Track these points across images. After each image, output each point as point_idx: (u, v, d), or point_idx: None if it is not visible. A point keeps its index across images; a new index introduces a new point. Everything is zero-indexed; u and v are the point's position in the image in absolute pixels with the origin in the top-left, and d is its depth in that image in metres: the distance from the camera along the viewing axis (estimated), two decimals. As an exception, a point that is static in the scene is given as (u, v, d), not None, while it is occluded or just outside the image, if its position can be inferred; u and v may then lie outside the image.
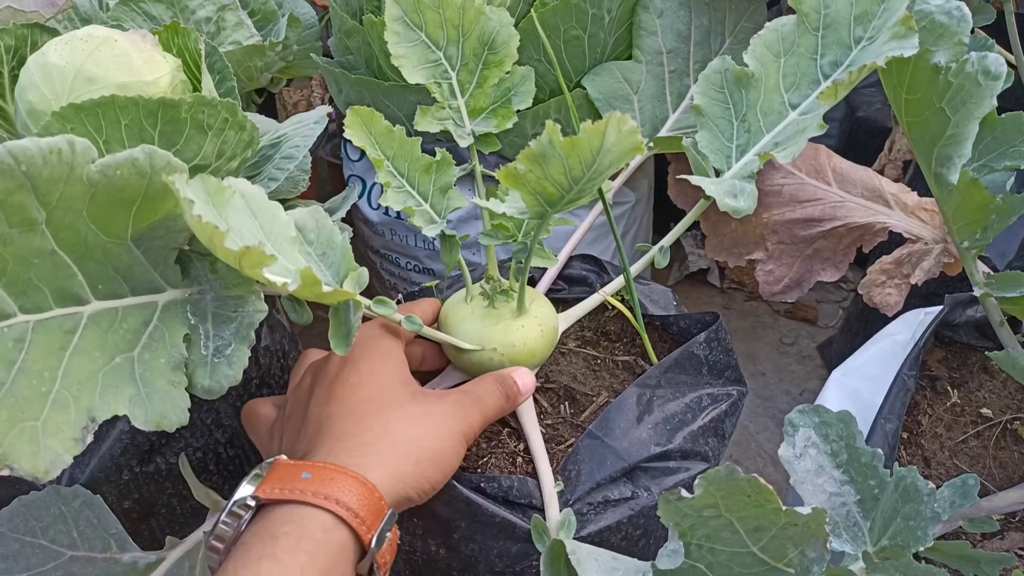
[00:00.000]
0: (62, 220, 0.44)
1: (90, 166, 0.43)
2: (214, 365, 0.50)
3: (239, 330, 0.51)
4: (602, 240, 1.19)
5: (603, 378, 0.81)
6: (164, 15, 0.97)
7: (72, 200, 0.43)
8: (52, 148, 0.41)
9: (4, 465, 0.41)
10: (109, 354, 0.47)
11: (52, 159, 0.41)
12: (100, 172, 0.44)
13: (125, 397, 0.47)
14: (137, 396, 0.47)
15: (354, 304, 0.56)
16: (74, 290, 0.46)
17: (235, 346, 0.51)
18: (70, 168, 0.42)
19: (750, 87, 0.72)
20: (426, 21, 0.75)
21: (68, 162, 0.42)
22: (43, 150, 0.41)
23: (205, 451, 0.89)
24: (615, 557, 0.53)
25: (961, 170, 0.61)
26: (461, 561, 0.67)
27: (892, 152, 1.40)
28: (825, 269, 0.92)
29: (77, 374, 0.45)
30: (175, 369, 0.49)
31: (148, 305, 0.50)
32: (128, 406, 0.47)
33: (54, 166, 0.41)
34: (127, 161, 0.45)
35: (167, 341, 0.50)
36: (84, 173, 0.43)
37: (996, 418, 0.81)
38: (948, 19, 0.61)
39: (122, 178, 0.45)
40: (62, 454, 0.43)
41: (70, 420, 0.44)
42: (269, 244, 0.49)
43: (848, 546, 0.51)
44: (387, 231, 1.24)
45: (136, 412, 0.47)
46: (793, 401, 1.45)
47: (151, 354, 0.49)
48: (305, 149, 0.83)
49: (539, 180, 0.51)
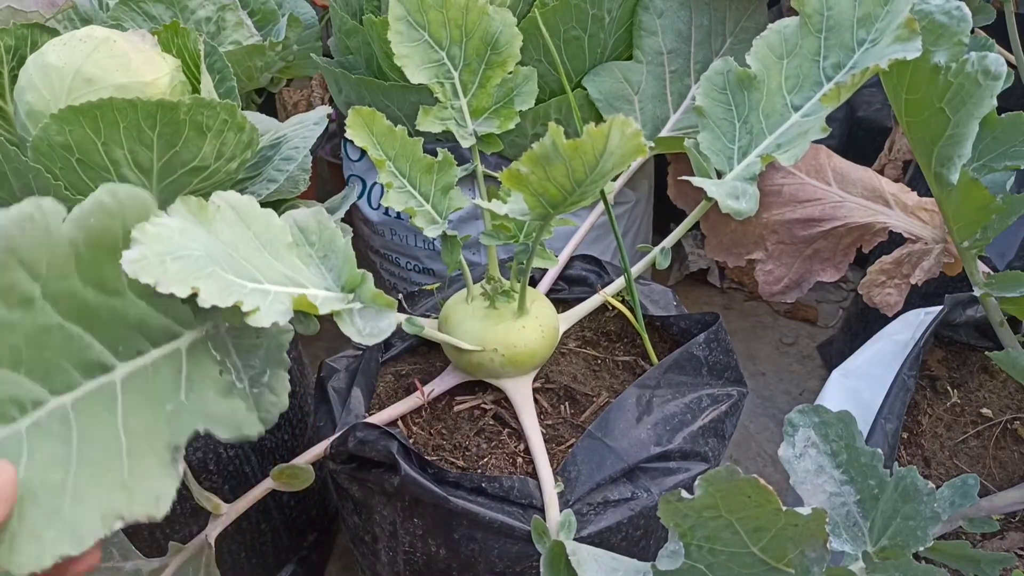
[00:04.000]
0: (58, 288, 0.42)
1: (63, 224, 0.42)
2: (256, 396, 0.48)
3: (269, 355, 0.49)
4: (602, 240, 1.19)
5: (603, 378, 0.81)
6: (164, 15, 0.97)
7: (60, 266, 0.42)
8: (24, 216, 0.40)
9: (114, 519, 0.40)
10: (159, 405, 0.45)
11: (28, 226, 0.40)
12: (75, 226, 0.42)
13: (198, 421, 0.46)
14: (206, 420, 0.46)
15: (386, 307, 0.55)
16: (96, 358, 0.44)
17: (271, 372, 0.48)
18: (47, 231, 0.41)
19: (752, 88, 0.72)
20: (429, 21, 0.75)
21: (43, 226, 0.41)
22: (16, 220, 0.40)
23: (205, 451, 0.89)
24: (615, 558, 0.53)
25: (961, 170, 0.61)
26: (461, 561, 0.67)
27: (892, 152, 1.40)
28: (825, 269, 0.92)
29: (138, 430, 0.44)
30: (227, 395, 0.47)
31: (173, 354, 0.48)
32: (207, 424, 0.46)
33: (31, 233, 0.40)
34: (95, 206, 0.43)
35: (207, 378, 0.48)
36: (61, 233, 0.42)
37: (996, 418, 0.81)
38: (948, 19, 0.61)
39: (97, 226, 0.43)
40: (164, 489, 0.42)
41: (154, 462, 0.43)
42: (249, 284, 0.47)
43: (848, 546, 0.51)
44: (387, 231, 1.24)
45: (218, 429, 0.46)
46: (793, 401, 1.45)
47: (197, 393, 0.47)
48: (305, 150, 0.83)
49: (542, 182, 0.51)
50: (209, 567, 0.64)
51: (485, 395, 0.78)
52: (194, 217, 0.47)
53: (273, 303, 0.45)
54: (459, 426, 0.75)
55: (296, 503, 1.04)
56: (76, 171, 0.69)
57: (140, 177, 0.71)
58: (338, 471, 0.71)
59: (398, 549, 0.71)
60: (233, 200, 0.50)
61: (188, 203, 0.47)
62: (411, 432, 0.75)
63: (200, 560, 0.64)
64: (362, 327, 0.53)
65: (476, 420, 0.76)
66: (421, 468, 0.65)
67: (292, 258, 0.53)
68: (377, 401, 0.79)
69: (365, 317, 0.54)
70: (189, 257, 0.43)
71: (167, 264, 0.41)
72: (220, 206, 0.49)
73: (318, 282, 0.54)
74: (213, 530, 0.64)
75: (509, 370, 0.73)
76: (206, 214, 0.48)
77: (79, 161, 0.68)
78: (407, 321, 0.65)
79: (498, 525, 0.64)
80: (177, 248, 0.43)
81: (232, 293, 0.43)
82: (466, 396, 0.78)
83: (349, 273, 0.55)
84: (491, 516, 0.64)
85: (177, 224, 0.45)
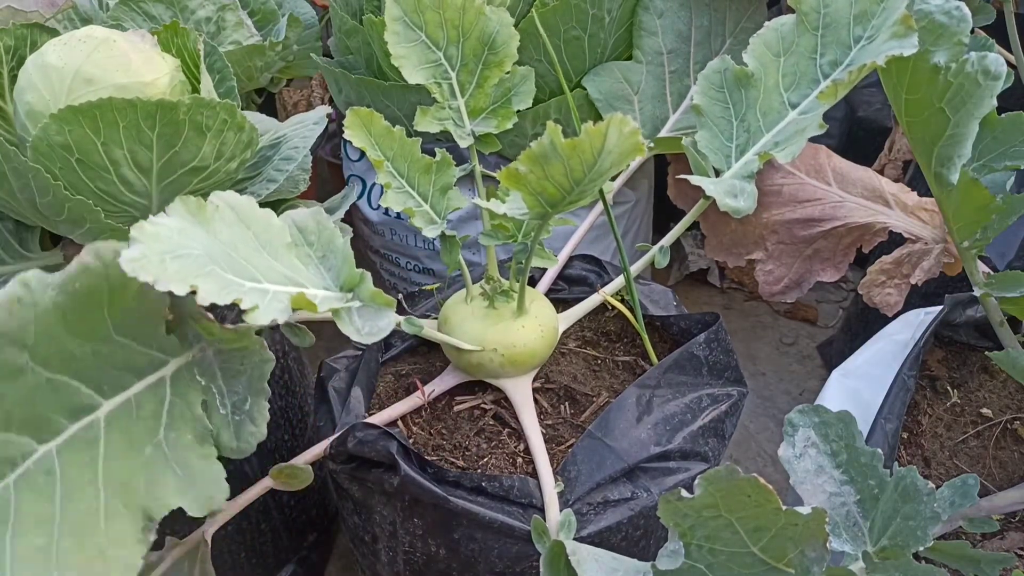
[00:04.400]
0: (46, 350, 0.44)
1: (49, 292, 0.43)
2: (236, 424, 0.49)
3: (251, 383, 0.50)
4: (602, 240, 1.18)
5: (603, 378, 0.81)
6: (164, 15, 0.97)
7: (48, 330, 0.43)
8: (11, 298, 0.41)
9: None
10: (138, 448, 0.47)
11: (15, 308, 0.41)
12: (60, 292, 0.43)
13: (170, 488, 0.47)
14: (179, 483, 0.47)
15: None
16: (83, 402, 0.46)
17: (252, 401, 0.50)
18: (34, 306, 0.42)
19: (750, 87, 0.72)
20: (426, 21, 0.75)
21: (30, 302, 0.42)
22: (4, 303, 0.41)
23: (205, 451, 0.89)
24: (615, 558, 0.53)
25: (961, 170, 0.61)
26: (461, 561, 0.67)
27: (892, 152, 1.40)
28: (825, 269, 0.91)
29: (117, 478, 0.45)
30: (202, 441, 0.49)
31: (158, 384, 0.49)
32: (177, 497, 0.47)
33: (18, 314, 0.41)
34: (80, 270, 0.44)
35: (188, 414, 0.49)
36: (49, 303, 0.43)
37: (996, 418, 0.81)
38: (948, 19, 0.61)
39: (83, 288, 0.44)
40: (132, 559, 0.44)
41: (128, 527, 0.44)
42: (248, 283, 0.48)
43: (848, 546, 0.51)
44: (387, 231, 1.24)
45: (187, 501, 0.47)
46: (793, 401, 1.45)
47: (176, 433, 0.48)
48: (305, 150, 0.83)
49: (540, 181, 0.51)
50: (205, 563, 0.64)
51: (485, 395, 0.78)
52: (193, 217, 0.47)
53: (272, 302, 0.46)
54: (459, 426, 0.75)
55: (296, 503, 1.04)
56: (76, 171, 0.69)
57: (139, 177, 0.71)
58: (338, 471, 0.71)
59: (398, 549, 0.71)
60: (232, 200, 0.51)
61: (187, 203, 0.47)
62: (411, 432, 0.75)
63: (196, 556, 0.64)
64: (361, 326, 0.53)
65: (476, 420, 0.76)
66: (421, 468, 0.65)
67: (291, 258, 0.53)
68: (377, 401, 0.79)
69: (364, 316, 0.54)
70: (188, 256, 0.43)
71: (166, 263, 0.42)
72: (219, 206, 0.49)
73: (317, 282, 0.54)
74: (210, 527, 0.64)
75: (509, 370, 0.73)
76: (205, 214, 0.48)
77: (79, 161, 0.68)
78: (406, 321, 0.65)
79: (498, 525, 0.64)
80: (176, 247, 0.43)
81: (231, 291, 0.43)
82: (466, 396, 0.78)
83: (348, 272, 0.55)
84: (491, 516, 0.64)
85: (176, 224, 0.45)
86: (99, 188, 0.71)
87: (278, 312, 0.45)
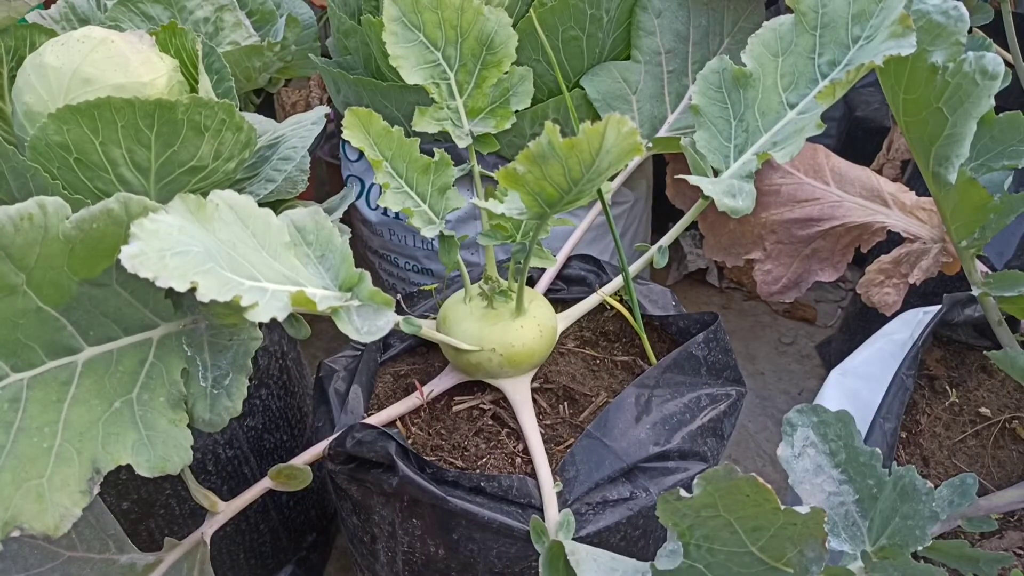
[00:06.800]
0: (43, 278, 0.43)
1: (65, 223, 0.43)
2: (214, 397, 0.50)
3: (236, 359, 0.51)
4: (601, 240, 1.19)
5: (602, 378, 0.81)
6: (162, 15, 0.97)
7: (51, 258, 0.43)
8: (23, 214, 0.41)
9: (13, 527, 0.41)
10: (108, 400, 0.46)
11: (24, 225, 0.41)
12: (76, 227, 0.43)
13: (128, 444, 0.47)
14: (139, 441, 0.47)
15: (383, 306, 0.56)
16: (65, 341, 0.46)
17: (233, 376, 0.50)
18: (44, 230, 0.42)
19: (748, 87, 0.72)
20: (424, 22, 0.75)
21: (41, 225, 0.42)
22: (13, 218, 0.41)
23: (204, 452, 0.89)
24: (614, 557, 0.53)
25: (959, 169, 0.61)
26: (460, 561, 0.67)
27: (890, 152, 1.41)
28: (823, 269, 0.92)
29: (77, 425, 0.45)
30: (175, 407, 0.49)
31: (143, 343, 0.49)
32: (131, 454, 0.46)
33: (27, 231, 0.41)
34: (102, 213, 0.44)
35: (165, 378, 0.49)
36: (60, 231, 0.43)
37: (995, 417, 0.81)
38: (945, 19, 0.61)
39: (99, 230, 0.44)
40: (71, 508, 0.43)
41: (75, 473, 0.44)
42: (247, 281, 0.48)
43: (847, 545, 0.51)
44: (386, 231, 1.24)
45: (139, 460, 0.47)
46: (792, 401, 1.45)
47: (150, 394, 0.48)
48: (303, 150, 0.83)
49: (538, 181, 0.51)
50: (204, 564, 0.64)
51: (484, 395, 0.78)
52: (192, 215, 0.47)
53: (271, 300, 0.46)
54: (458, 426, 0.75)
55: (295, 504, 1.04)
56: (74, 170, 0.69)
57: (138, 177, 0.71)
58: (337, 471, 0.71)
59: (397, 549, 0.71)
60: (231, 199, 0.51)
61: (186, 201, 0.47)
62: (410, 432, 0.75)
63: (195, 557, 0.64)
64: (360, 325, 0.53)
65: (475, 420, 0.76)
66: (419, 468, 0.65)
67: (290, 257, 0.53)
68: (376, 401, 0.79)
69: (363, 315, 0.54)
70: (188, 253, 0.43)
71: (167, 259, 0.42)
72: (218, 205, 0.49)
73: (316, 281, 0.54)
74: (209, 527, 0.64)
75: (507, 370, 0.73)
76: (204, 213, 0.48)
77: (77, 160, 0.68)
78: (405, 321, 0.65)
79: (497, 525, 0.64)
80: (176, 244, 0.43)
81: (231, 289, 0.43)
82: (465, 396, 0.78)
83: (347, 272, 0.55)
84: (490, 516, 0.64)
85: (176, 221, 0.45)
86: (97, 187, 0.71)
87: (278, 310, 0.45)
